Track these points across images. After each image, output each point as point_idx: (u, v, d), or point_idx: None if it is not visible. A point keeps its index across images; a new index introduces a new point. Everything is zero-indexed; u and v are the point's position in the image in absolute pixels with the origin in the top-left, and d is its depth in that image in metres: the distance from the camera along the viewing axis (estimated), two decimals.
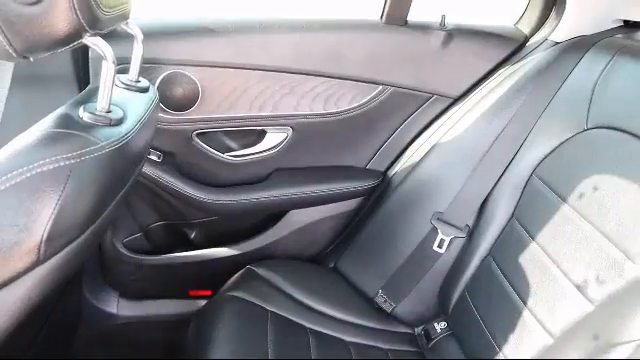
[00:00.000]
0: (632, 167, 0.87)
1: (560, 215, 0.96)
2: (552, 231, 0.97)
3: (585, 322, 0.83)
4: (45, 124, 0.64)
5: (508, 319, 0.97)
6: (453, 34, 1.26)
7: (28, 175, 0.56)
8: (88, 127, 0.66)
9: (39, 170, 0.57)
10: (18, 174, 0.56)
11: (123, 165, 0.72)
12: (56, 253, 0.61)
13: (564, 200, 0.97)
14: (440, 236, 1.18)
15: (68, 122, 0.65)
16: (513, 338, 0.95)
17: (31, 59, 0.60)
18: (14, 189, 0.56)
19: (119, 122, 0.70)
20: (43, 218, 0.57)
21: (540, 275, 0.95)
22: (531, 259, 0.98)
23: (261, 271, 1.25)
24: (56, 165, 0.58)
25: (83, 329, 1.38)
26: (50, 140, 0.61)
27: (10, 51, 0.56)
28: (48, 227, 0.58)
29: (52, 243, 0.59)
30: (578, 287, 0.87)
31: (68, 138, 0.62)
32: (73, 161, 0.59)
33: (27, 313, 0.65)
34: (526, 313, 0.94)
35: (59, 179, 0.58)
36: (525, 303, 0.95)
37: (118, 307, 1.42)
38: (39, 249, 0.58)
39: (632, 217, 0.83)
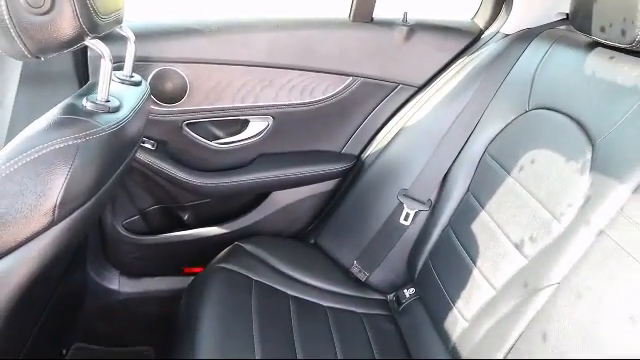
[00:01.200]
0: (562, 142, 1.01)
1: (505, 186, 1.10)
2: (498, 200, 1.11)
3: (519, 274, 0.97)
4: (55, 112, 0.78)
5: (461, 279, 1.11)
6: (415, 29, 1.40)
7: (44, 152, 0.70)
8: (91, 114, 0.79)
9: (52, 148, 0.71)
10: (35, 151, 0.70)
11: (120, 145, 0.85)
12: (67, 216, 0.75)
13: (508, 173, 1.10)
14: (406, 210, 1.31)
15: (74, 110, 0.79)
16: (464, 294, 1.09)
17: (42, 59, 0.73)
18: (32, 163, 0.70)
19: (116, 110, 0.84)
20: (57, 186, 0.71)
21: (487, 239, 1.09)
22: (481, 226, 1.12)
23: (248, 247, 1.39)
24: (66, 144, 0.72)
25: (87, 304, 1.51)
26: (60, 124, 0.74)
27: (25, 52, 0.70)
28: (61, 193, 0.71)
29: (64, 207, 0.73)
30: (516, 246, 1.00)
31: (75, 122, 0.75)
32: (79, 141, 0.73)
33: (43, 269, 0.79)
34: (475, 272, 1.08)
35: (69, 155, 0.72)
36: (475, 263, 1.09)
37: (119, 284, 1.55)
38: (54, 212, 0.72)
39: (560, 184, 0.96)
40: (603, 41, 1.01)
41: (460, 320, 1.07)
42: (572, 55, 1.10)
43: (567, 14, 1.31)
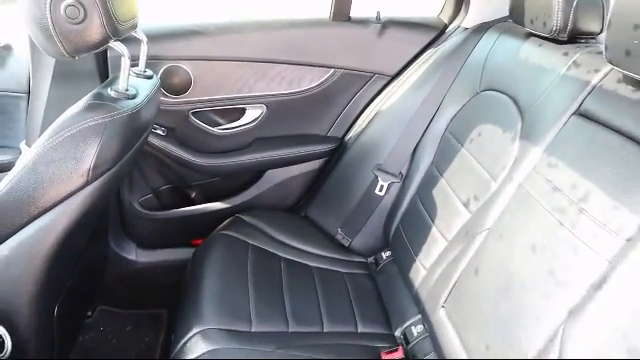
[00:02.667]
0: (501, 117, 1.21)
1: (459, 157, 1.31)
2: (453, 169, 1.31)
3: (464, 226, 1.18)
4: (87, 99, 1.00)
5: (423, 237, 1.31)
6: (387, 25, 1.61)
7: (80, 128, 0.92)
8: (115, 100, 1.01)
9: (87, 125, 0.93)
10: (74, 127, 0.92)
11: (137, 124, 1.07)
12: (98, 178, 0.97)
13: (462, 145, 1.31)
14: (380, 182, 1.52)
15: (102, 97, 1.01)
16: (425, 248, 1.29)
17: (76, 57, 0.95)
18: (72, 137, 0.92)
19: (134, 97, 1.06)
20: (90, 154, 0.93)
21: (444, 202, 1.29)
22: (440, 192, 1.33)
23: (246, 218, 1.60)
24: (96, 122, 0.94)
25: (109, 272, 1.73)
26: (92, 107, 0.96)
27: (63, 52, 0.92)
28: (94, 159, 0.94)
29: (96, 170, 0.95)
30: (464, 204, 1.21)
31: (103, 106, 0.98)
32: (107, 120, 0.95)
33: (78, 223, 1.01)
34: (434, 229, 1.29)
35: (99, 130, 0.94)
36: (433, 222, 1.30)
37: (136, 254, 1.77)
38: (88, 174, 0.94)
39: (497, 151, 1.17)
40: (533, 31, 1.22)
41: (421, 269, 1.27)
42: (513, 44, 1.30)
43: None
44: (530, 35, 1.27)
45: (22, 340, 1.03)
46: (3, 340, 0.98)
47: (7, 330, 0.99)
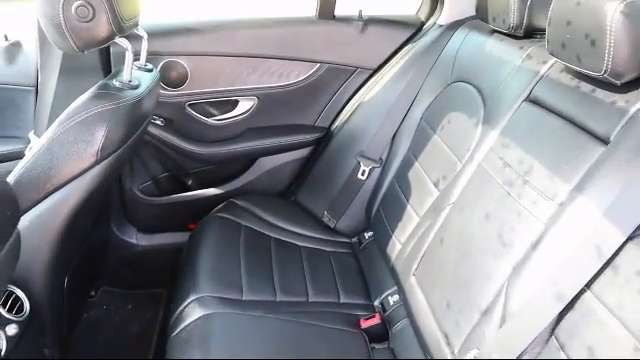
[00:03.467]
0: (467, 105, 1.34)
1: (431, 142, 1.44)
2: (426, 153, 1.44)
3: (433, 203, 1.31)
4: (94, 89, 1.13)
5: (399, 216, 1.44)
6: (368, 23, 1.74)
7: (90, 114, 1.05)
8: (119, 90, 1.14)
9: (96, 111, 1.06)
10: (84, 113, 1.05)
11: (140, 112, 1.20)
12: (105, 158, 1.09)
13: (434, 132, 1.44)
14: (362, 167, 1.65)
15: (108, 87, 1.14)
16: (400, 225, 1.42)
17: (85, 52, 1.07)
18: (82, 121, 1.05)
19: (136, 87, 1.19)
20: (99, 137, 1.06)
21: (417, 183, 1.42)
22: (415, 174, 1.46)
23: (239, 202, 1.73)
24: (104, 109, 1.07)
25: (111, 255, 1.86)
26: (99, 96, 1.09)
27: (74, 47, 1.04)
28: (102, 142, 1.06)
29: (104, 151, 1.08)
30: (435, 184, 1.34)
31: (109, 95, 1.10)
32: (113, 107, 1.08)
33: (87, 200, 1.13)
34: (408, 208, 1.42)
35: (106, 116, 1.07)
36: (408, 202, 1.43)
37: (137, 238, 1.89)
38: (97, 154, 1.07)
39: (464, 136, 1.29)
40: (496, 28, 1.35)
41: (397, 244, 1.40)
42: (480, 39, 1.44)
43: None
44: (494, 31, 1.40)
45: (38, 305, 1.15)
46: (22, 303, 1.10)
47: (25, 295, 1.12)
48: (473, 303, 1.00)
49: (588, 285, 0.79)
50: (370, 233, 1.66)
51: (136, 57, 1.34)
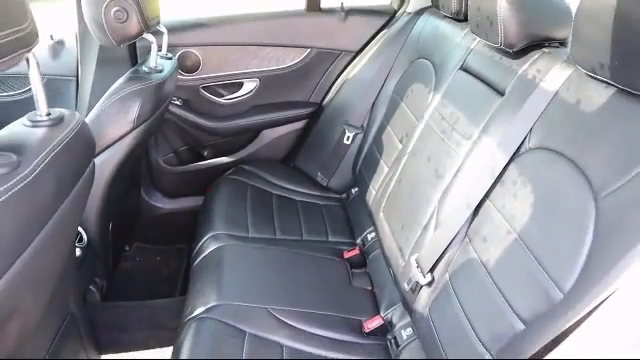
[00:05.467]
0: (424, 77, 1.66)
1: (399, 109, 1.76)
2: (395, 118, 1.77)
3: (397, 155, 1.63)
4: (128, 74, 1.47)
5: (375, 170, 1.77)
6: (350, 13, 2.07)
7: (127, 92, 1.40)
8: (147, 74, 1.49)
9: (131, 90, 1.41)
10: (122, 92, 1.40)
11: (164, 91, 1.55)
12: (139, 126, 1.44)
13: (402, 100, 1.76)
14: (347, 134, 1.99)
15: (138, 72, 1.49)
16: (375, 176, 1.75)
17: (121, 46, 1.42)
18: (121, 98, 1.40)
19: (161, 71, 1.53)
20: (134, 109, 1.41)
21: (389, 143, 1.75)
22: (387, 136, 1.79)
23: (247, 167, 2.08)
24: (137, 88, 1.41)
25: (141, 216, 2.22)
26: (133, 79, 1.44)
27: (113, 42, 1.39)
28: (136, 113, 1.41)
29: (138, 120, 1.42)
30: (400, 140, 1.67)
31: (140, 78, 1.45)
32: (143, 86, 1.43)
33: (126, 160, 1.48)
34: (381, 163, 1.74)
35: (139, 94, 1.42)
36: (381, 158, 1.75)
37: (162, 202, 2.25)
38: (134, 122, 1.42)
39: (421, 101, 1.61)
40: (444, 13, 1.67)
41: (373, 192, 1.73)
42: (435, 23, 1.76)
43: None
44: (445, 17, 1.72)
45: (91, 239, 1.51)
46: (82, 235, 1.46)
47: (83, 229, 1.47)
48: (417, 221, 1.33)
49: (487, 195, 1.12)
50: (356, 189, 1.99)
51: (158, 48, 1.68)
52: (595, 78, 0.91)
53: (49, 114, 0.85)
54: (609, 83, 0.88)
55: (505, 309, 0.94)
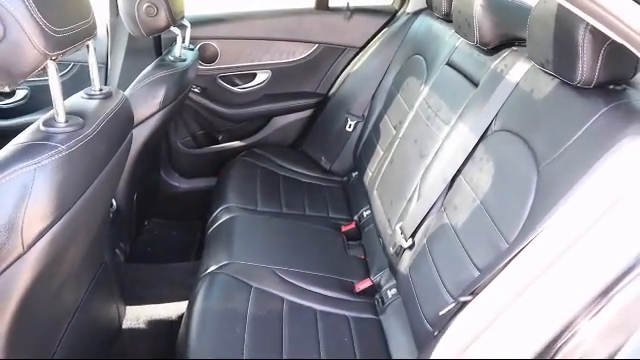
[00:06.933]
0: (418, 71, 1.85)
1: (395, 100, 1.96)
2: (392, 108, 1.97)
3: (391, 140, 1.83)
4: (155, 62, 1.68)
5: (372, 155, 1.97)
6: (355, 12, 2.27)
7: (155, 77, 1.61)
8: (172, 62, 1.70)
9: (158, 76, 1.61)
10: (151, 77, 1.60)
11: (187, 78, 1.75)
12: (165, 107, 1.65)
13: (398, 92, 1.96)
14: (349, 122, 2.19)
15: (164, 61, 1.70)
16: (372, 159, 1.94)
17: (150, 37, 1.63)
18: (150, 83, 1.60)
19: (184, 60, 1.74)
20: (161, 92, 1.61)
21: (385, 130, 1.95)
22: (383, 124, 1.98)
23: (258, 151, 2.28)
24: (163, 74, 1.62)
25: (160, 194, 2.42)
26: (160, 66, 1.65)
27: (143, 33, 1.59)
28: (163, 96, 1.61)
29: (164, 102, 1.62)
30: (394, 127, 1.86)
31: (166, 66, 1.66)
32: (169, 73, 1.63)
33: (154, 134, 1.69)
34: (377, 148, 1.94)
35: (165, 80, 1.62)
36: (378, 143, 1.95)
37: (179, 182, 2.46)
38: (160, 104, 1.62)
39: (414, 92, 1.81)
40: (436, 14, 1.87)
41: (369, 173, 1.93)
42: (430, 22, 1.96)
43: None
44: (438, 17, 1.91)
45: (120, 207, 1.73)
46: (112, 202, 1.68)
47: (114, 198, 1.69)
48: (403, 195, 1.53)
49: (459, 171, 1.32)
50: (356, 172, 2.18)
51: (182, 40, 1.89)
52: (545, 71, 1.11)
53: (101, 90, 1.05)
54: (554, 75, 1.07)
55: (467, 262, 1.14)
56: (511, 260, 0.93)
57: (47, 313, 1.05)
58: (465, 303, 1.03)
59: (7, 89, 0.84)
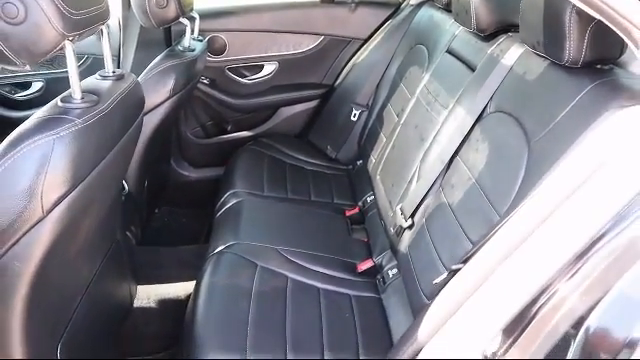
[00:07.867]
0: (420, 60, 1.90)
1: (398, 89, 2.01)
2: (395, 97, 2.02)
3: (393, 126, 1.88)
4: (166, 52, 1.75)
5: (375, 142, 2.02)
6: (359, 5, 2.32)
7: (166, 66, 1.67)
8: (182, 52, 1.76)
9: (168, 65, 1.68)
10: (161, 67, 1.67)
11: (196, 68, 1.82)
12: (175, 95, 1.71)
13: (401, 82, 2.01)
14: (354, 112, 2.25)
15: (174, 51, 1.76)
16: (375, 147, 2.00)
17: (160, 28, 1.69)
18: (160, 71, 1.66)
19: (193, 51, 1.81)
20: (171, 81, 1.67)
21: (388, 118, 2.00)
22: (387, 113, 2.04)
23: (265, 140, 2.35)
24: (173, 64, 1.68)
25: (170, 183, 2.49)
26: (170, 56, 1.71)
27: (154, 24, 1.66)
28: (172, 84, 1.67)
29: (174, 90, 1.69)
30: (397, 115, 1.91)
31: (176, 55, 1.72)
32: (178, 62, 1.70)
33: (164, 121, 1.75)
34: (381, 135, 1.99)
35: (174, 69, 1.69)
36: (381, 131, 2.01)
37: (189, 171, 2.52)
38: (170, 92, 1.68)
39: (415, 80, 1.86)
40: (438, 5, 1.92)
41: (373, 160, 1.99)
42: (432, 13, 2.01)
43: None
44: (439, 8, 1.96)
45: (131, 191, 1.79)
46: (124, 186, 1.74)
47: (126, 182, 1.76)
48: (404, 178, 1.58)
49: (456, 152, 1.37)
50: (360, 161, 2.24)
51: (191, 32, 1.95)
52: (536, 54, 1.16)
53: (114, 72, 1.12)
54: (544, 57, 1.12)
55: (462, 237, 1.19)
56: (499, 229, 0.98)
57: (63, 280, 1.11)
58: (456, 271, 1.08)
59: (28, 67, 0.91)
